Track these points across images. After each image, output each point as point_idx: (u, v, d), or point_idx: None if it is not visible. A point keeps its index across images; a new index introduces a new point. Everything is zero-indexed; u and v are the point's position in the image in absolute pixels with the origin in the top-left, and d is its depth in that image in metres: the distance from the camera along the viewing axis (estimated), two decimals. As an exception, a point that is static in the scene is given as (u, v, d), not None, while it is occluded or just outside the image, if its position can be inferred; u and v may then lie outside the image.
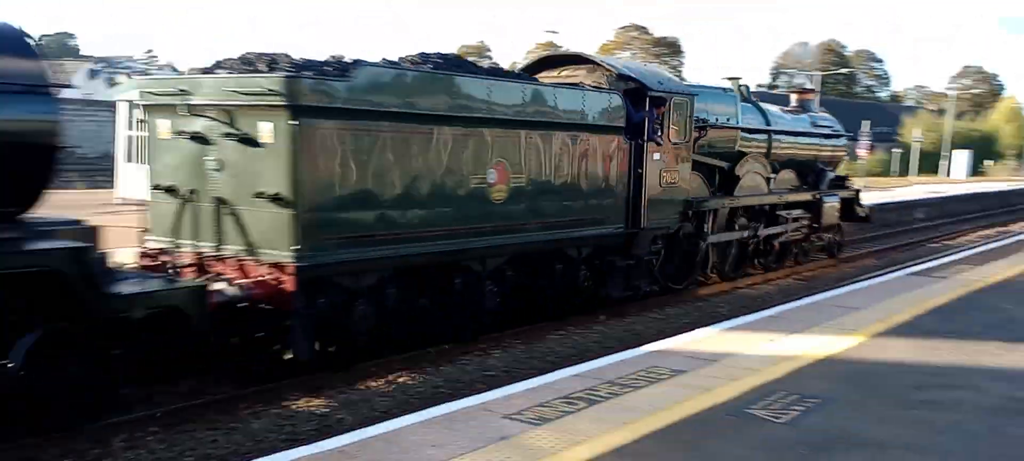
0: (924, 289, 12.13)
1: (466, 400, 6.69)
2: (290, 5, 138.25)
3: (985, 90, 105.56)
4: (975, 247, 19.48)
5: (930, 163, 67.72)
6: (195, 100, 8.52)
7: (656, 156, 12.44)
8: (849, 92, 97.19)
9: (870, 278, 14.06)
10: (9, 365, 6.48)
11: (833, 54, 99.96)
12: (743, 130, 15.15)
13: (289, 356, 8.33)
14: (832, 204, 17.61)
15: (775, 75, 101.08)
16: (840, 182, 18.65)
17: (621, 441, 5.68)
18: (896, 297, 11.42)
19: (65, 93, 8.08)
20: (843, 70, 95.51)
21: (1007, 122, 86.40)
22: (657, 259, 13.12)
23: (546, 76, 12.66)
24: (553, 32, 70.15)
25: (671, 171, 12.78)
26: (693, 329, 9.89)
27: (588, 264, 11.78)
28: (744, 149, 15.21)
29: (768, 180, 15.98)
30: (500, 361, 9.88)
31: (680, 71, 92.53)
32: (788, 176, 16.99)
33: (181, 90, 8.64)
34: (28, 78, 6.70)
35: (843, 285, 13.48)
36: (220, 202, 8.44)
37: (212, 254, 8.56)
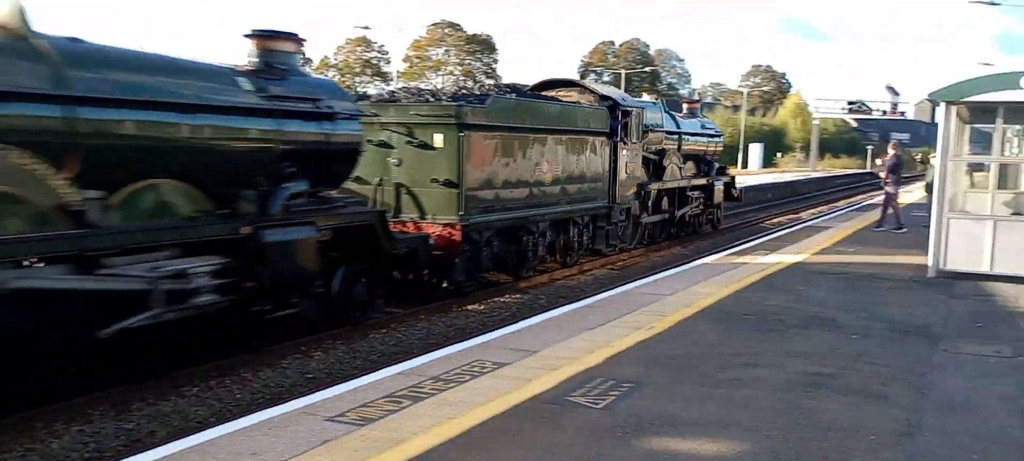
0: (726, 274, 12.87)
1: (287, 404, 6.51)
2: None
3: (773, 87, 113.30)
4: (771, 233, 20.88)
5: (728, 155, 71.83)
6: (385, 119, 12.89)
7: (623, 153, 17.23)
8: (653, 89, 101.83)
9: (678, 266, 14.76)
10: (334, 287, 10.52)
11: (637, 53, 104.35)
12: (665, 133, 20.37)
13: (445, 284, 12.98)
14: (719, 187, 23.36)
15: (583, 73, 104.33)
16: (721, 171, 24.18)
17: (446, 437, 5.71)
18: (702, 282, 12.06)
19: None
20: (647, 68, 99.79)
21: (793, 117, 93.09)
22: (622, 225, 17.82)
23: (548, 94, 17.07)
24: (365, 28, 69.24)
25: (631, 163, 17.73)
26: (515, 322, 10.07)
27: (586, 228, 16.41)
28: (666, 147, 20.38)
29: (680, 169, 21.08)
30: (322, 363, 9.69)
31: (495, 68, 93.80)
32: (690, 166, 22.03)
33: (372, 113, 12.70)
34: (349, 110, 10.93)
35: (654, 274, 14.10)
36: (399, 186, 12.93)
37: (394, 220, 12.41)
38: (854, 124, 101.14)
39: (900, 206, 20.27)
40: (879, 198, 25.85)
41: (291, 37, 10.53)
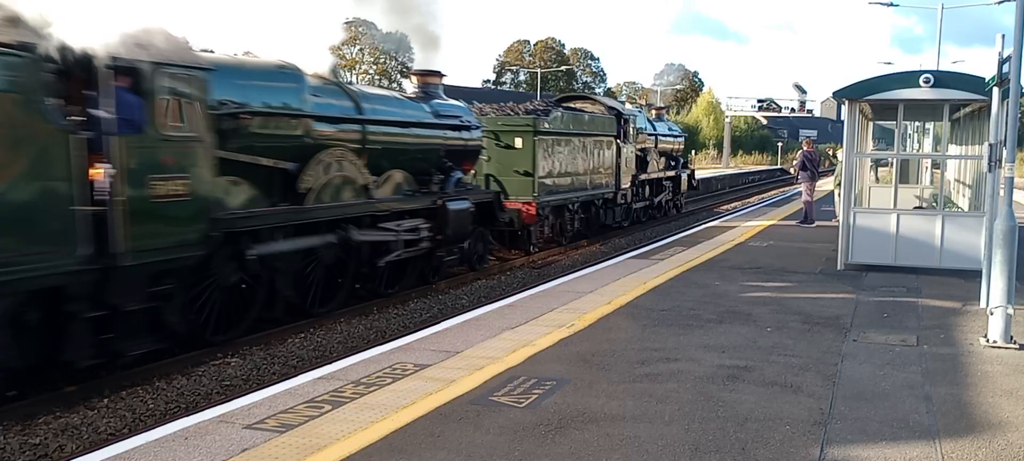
0: (644, 271, 13.05)
1: (203, 413, 6.36)
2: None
3: (686, 86, 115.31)
4: (688, 229, 21.22)
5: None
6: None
7: (624, 151, 22.75)
8: (569, 88, 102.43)
9: (597, 264, 14.91)
10: (465, 244, 15.16)
11: (553, 52, 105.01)
12: (648, 134, 25.92)
13: (532, 244, 18.37)
14: (684, 178, 29.26)
15: (499, 72, 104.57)
16: (684, 165, 30.10)
17: (368, 441, 5.66)
18: (620, 280, 12.21)
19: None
20: (562, 67, 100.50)
21: (706, 115, 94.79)
22: (623, 207, 23.27)
23: (571, 106, 22.42)
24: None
25: (629, 159, 23.35)
26: (436, 322, 10.03)
27: (600, 208, 22.02)
28: (648, 146, 25.82)
29: (657, 164, 26.61)
30: (239, 370, 9.49)
31: (409, 67, 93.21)
32: (663, 161, 27.39)
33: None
34: (476, 122, 15.96)
35: (573, 272, 14.21)
36: (488, 175, 17.90)
37: None
38: (764, 122, 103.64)
39: (813, 201, 20.77)
40: (791, 192, 26.63)
41: (438, 74, 15.74)
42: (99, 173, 8.12)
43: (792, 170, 25.78)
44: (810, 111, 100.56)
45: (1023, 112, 14.24)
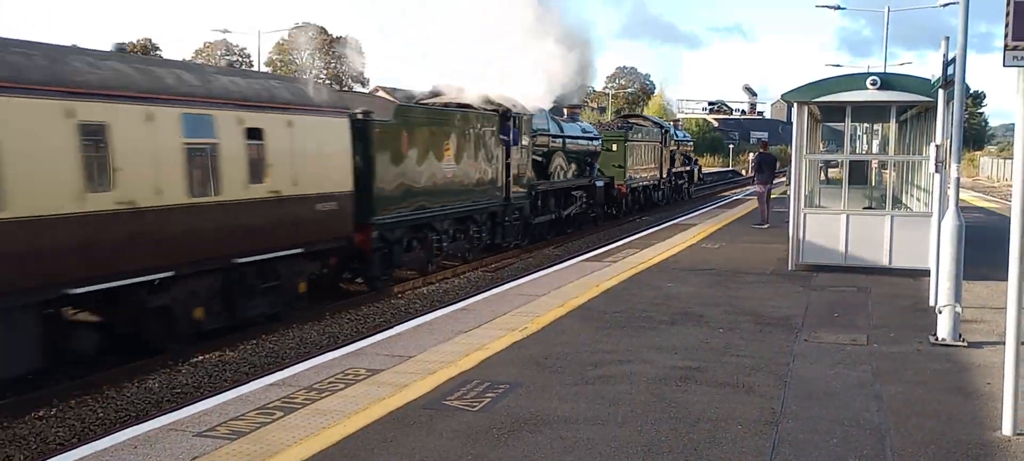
0: (597, 273, 13.10)
1: (153, 421, 6.25)
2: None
3: (638, 89, 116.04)
4: (641, 231, 21.36)
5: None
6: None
7: (664, 153, 32.85)
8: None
9: (551, 267, 14.93)
10: (576, 210, 24.97)
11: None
12: (674, 140, 35.78)
13: (614, 211, 28.84)
14: (696, 172, 40.95)
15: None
16: (695, 162, 41.64)
17: (320, 447, 5.60)
18: (573, 282, 12.24)
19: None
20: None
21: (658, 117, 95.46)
22: (666, 191, 33.76)
23: (633, 122, 32.36)
24: (225, 31, 67.30)
25: (666, 159, 33.61)
26: (389, 327, 9.97)
27: (653, 190, 32.35)
28: (674, 149, 35.59)
29: (680, 161, 37.12)
30: (190, 377, 9.35)
31: (362, 71, 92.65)
32: (681, 159, 37.69)
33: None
34: (598, 135, 26.65)
35: (527, 275, 14.21)
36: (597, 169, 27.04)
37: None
38: (715, 124, 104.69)
39: (768, 202, 20.91)
40: (743, 194, 27.21)
41: (579, 107, 26.20)
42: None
43: (744, 171, 27.01)
44: (761, 113, 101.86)
45: (968, 113, 14.54)
